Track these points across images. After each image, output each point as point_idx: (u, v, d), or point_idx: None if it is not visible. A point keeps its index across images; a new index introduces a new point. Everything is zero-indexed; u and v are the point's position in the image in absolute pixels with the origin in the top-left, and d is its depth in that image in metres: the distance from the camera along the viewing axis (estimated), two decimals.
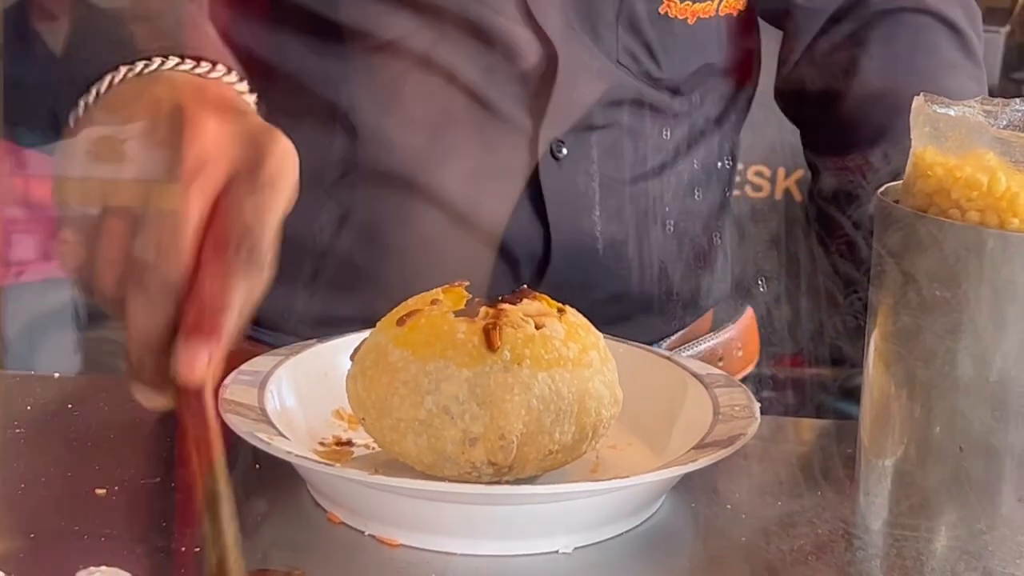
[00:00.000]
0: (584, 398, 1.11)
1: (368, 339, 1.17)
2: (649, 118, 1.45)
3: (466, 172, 1.41)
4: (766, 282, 1.76)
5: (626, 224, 1.46)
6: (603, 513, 1.12)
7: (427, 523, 1.09)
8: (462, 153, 1.42)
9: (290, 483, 1.16)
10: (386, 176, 1.41)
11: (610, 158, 1.45)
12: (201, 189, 0.95)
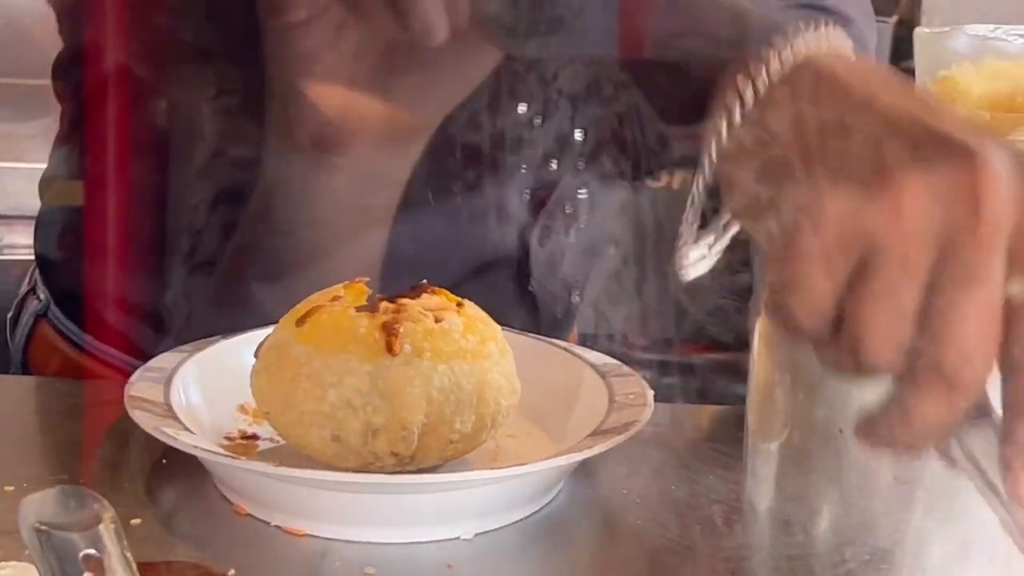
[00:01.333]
0: (483, 389, 1.14)
1: (271, 335, 1.19)
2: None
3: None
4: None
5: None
6: (503, 500, 1.14)
7: (331, 513, 1.12)
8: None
9: (197, 477, 1.18)
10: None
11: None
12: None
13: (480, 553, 1.11)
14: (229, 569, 1.05)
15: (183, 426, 1.16)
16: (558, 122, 1.46)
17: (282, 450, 1.18)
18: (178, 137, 1.44)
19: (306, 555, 1.10)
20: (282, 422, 1.16)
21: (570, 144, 1.43)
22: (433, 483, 1.13)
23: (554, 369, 1.29)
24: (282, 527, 1.13)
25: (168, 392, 1.20)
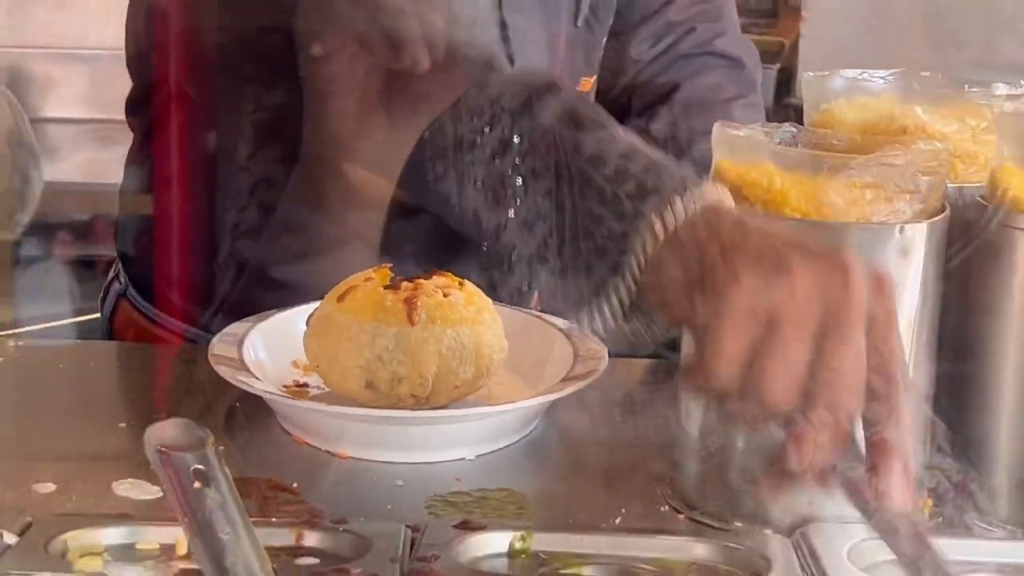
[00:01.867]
0: (480, 347, 1.18)
1: (318, 308, 1.21)
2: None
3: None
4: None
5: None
6: (496, 430, 1.18)
7: (368, 440, 1.15)
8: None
9: (264, 415, 1.21)
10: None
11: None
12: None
13: (479, 469, 1.14)
14: (293, 483, 1.09)
15: (254, 376, 1.19)
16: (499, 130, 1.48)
17: (328, 395, 1.21)
18: (224, 146, 1.45)
19: (350, 472, 1.13)
20: (328, 373, 1.19)
21: (510, 146, 1.45)
22: (443, 417, 1.17)
23: (531, 332, 1.31)
24: (331, 452, 1.16)
25: (241, 351, 1.23)
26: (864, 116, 1.17)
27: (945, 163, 1.02)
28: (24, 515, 0.97)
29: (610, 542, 0.99)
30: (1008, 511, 1.05)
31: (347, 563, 0.93)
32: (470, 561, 0.95)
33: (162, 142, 1.53)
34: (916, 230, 1.00)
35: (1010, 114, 1.05)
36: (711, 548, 0.99)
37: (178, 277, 1.53)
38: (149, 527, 0.97)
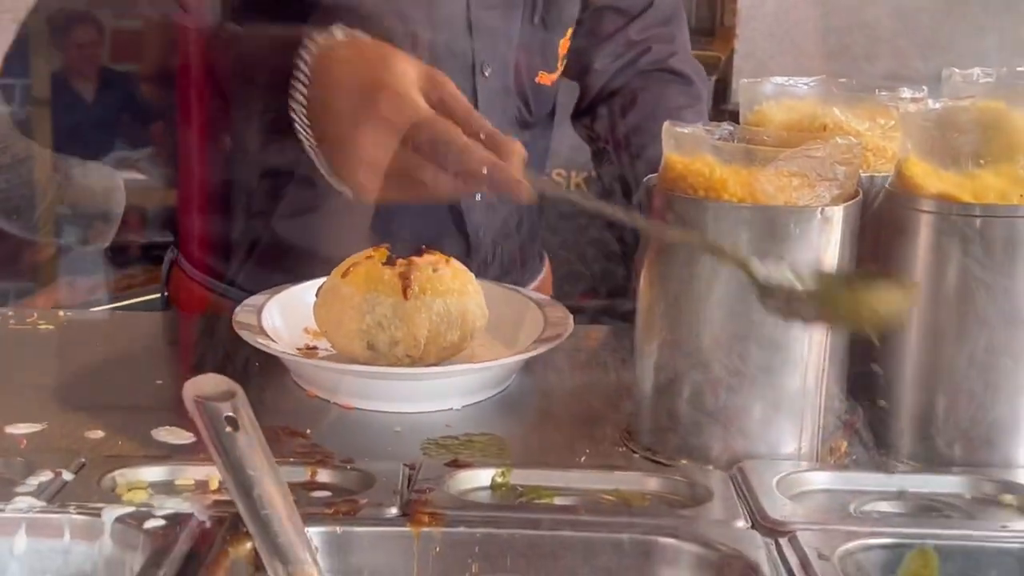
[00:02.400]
0: (464, 314, 1.19)
1: (325, 282, 1.23)
2: (522, 133, 1.47)
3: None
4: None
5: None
6: (479, 384, 1.20)
7: (370, 394, 1.17)
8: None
9: (279, 373, 1.23)
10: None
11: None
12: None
13: (465, 417, 1.16)
14: (306, 429, 1.11)
15: (271, 340, 1.21)
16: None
17: (335, 355, 1.22)
18: (239, 141, 1.45)
19: (354, 420, 1.15)
20: (334, 337, 1.21)
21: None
22: (434, 373, 1.18)
23: (508, 302, 1.32)
24: (337, 403, 1.17)
25: (260, 319, 1.24)
26: (790, 116, 1.19)
27: (859, 155, 1.04)
28: (78, 457, 0.99)
29: (576, 476, 1.01)
30: (910, 449, 1.07)
31: (355, 495, 0.95)
32: (459, 493, 0.97)
33: (187, 137, 1.53)
34: (835, 212, 1.01)
35: (913, 114, 1.06)
36: (662, 481, 1.01)
37: (208, 244, 1.53)
38: (185, 466, 0.99)
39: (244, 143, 1.44)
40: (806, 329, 1.02)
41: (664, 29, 1.58)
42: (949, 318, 1.04)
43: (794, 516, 0.93)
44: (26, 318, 1.38)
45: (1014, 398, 1.03)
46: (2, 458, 0.98)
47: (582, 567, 0.90)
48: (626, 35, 1.57)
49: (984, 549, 0.90)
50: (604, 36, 1.56)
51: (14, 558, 0.87)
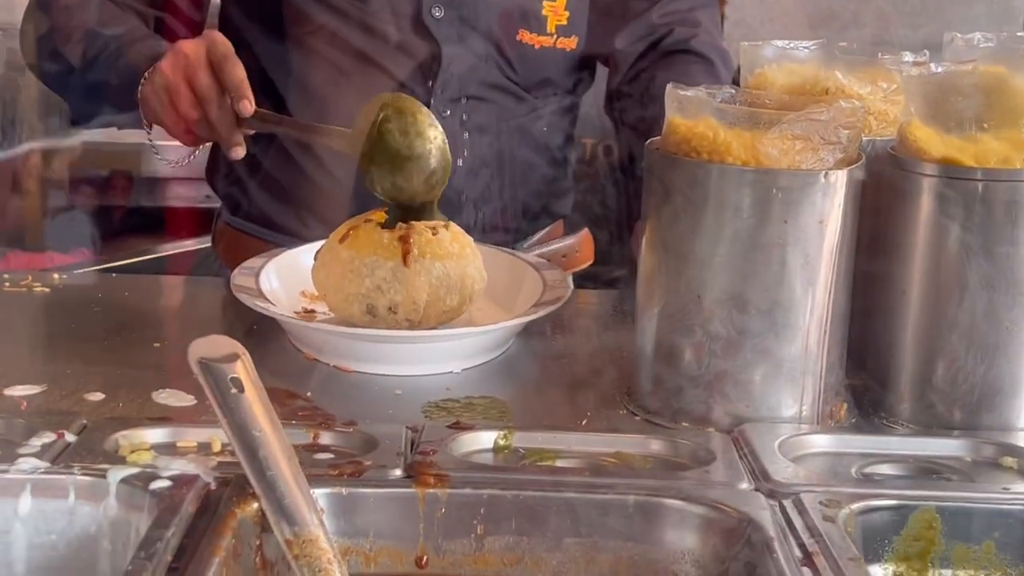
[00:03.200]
0: (463, 278, 1.19)
1: (324, 245, 1.22)
2: (508, 98, 1.49)
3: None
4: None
5: (497, 161, 1.52)
6: (478, 348, 1.20)
7: (369, 357, 1.16)
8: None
9: (278, 336, 1.22)
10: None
11: (481, 119, 1.49)
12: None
13: (465, 380, 1.16)
14: (307, 392, 1.11)
15: (270, 303, 1.20)
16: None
17: (333, 319, 1.22)
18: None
19: (354, 384, 1.15)
20: (333, 301, 1.20)
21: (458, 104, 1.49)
22: (434, 336, 1.18)
23: (506, 266, 1.32)
24: (337, 367, 1.17)
25: (258, 282, 1.24)
26: (791, 79, 1.18)
27: (862, 119, 1.04)
28: (79, 418, 0.98)
29: (578, 439, 1.01)
30: (910, 412, 1.07)
31: (359, 457, 0.95)
32: (462, 455, 0.97)
33: None
34: (838, 176, 1.01)
35: (916, 78, 1.06)
36: (664, 444, 1.01)
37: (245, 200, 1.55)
38: (187, 428, 0.98)
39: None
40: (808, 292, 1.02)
41: (688, 14, 1.57)
42: (950, 282, 1.04)
43: (797, 478, 0.94)
44: (20, 280, 1.37)
45: (1014, 362, 1.04)
46: (3, 420, 0.98)
47: (586, 528, 0.90)
48: (648, 18, 1.56)
49: (986, 511, 0.91)
50: (628, 18, 1.56)
51: (19, 519, 0.86)
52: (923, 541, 0.90)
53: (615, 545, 0.89)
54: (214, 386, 0.84)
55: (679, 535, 0.89)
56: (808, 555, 0.83)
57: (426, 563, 0.90)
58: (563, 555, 0.89)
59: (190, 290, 1.49)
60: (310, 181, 1.48)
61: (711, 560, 0.88)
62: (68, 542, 0.87)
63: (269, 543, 0.85)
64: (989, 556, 0.91)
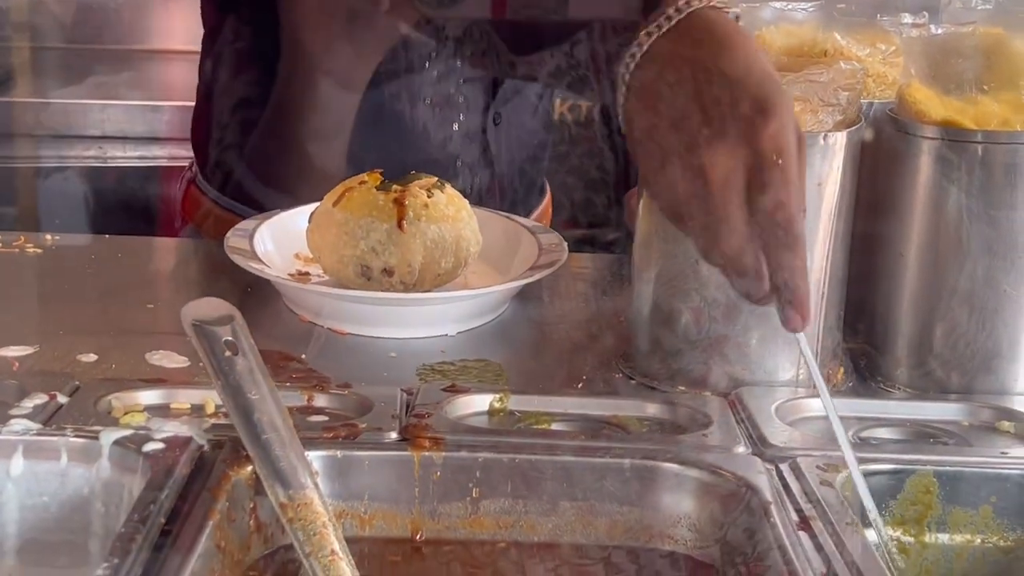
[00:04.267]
0: (459, 240, 1.18)
1: (319, 207, 1.21)
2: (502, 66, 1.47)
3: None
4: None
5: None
6: (473, 311, 1.19)
7: (364, 319, 1.16)
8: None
9: (273, 299, 1.21)
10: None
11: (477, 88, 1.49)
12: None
13: (460, 343, 1.15)
14: (301, 354, 1.10)
15: (265, 264, 1.19)
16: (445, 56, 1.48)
17: (328, 281, 1.21)
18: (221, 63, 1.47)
19: (349, 346, 1.14)
20: (328, 263, 1.19)
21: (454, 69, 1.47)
22: (429, 299, 1.17)
23: (502, 229, 1.31)
24: (332, 329, 1.16)
25: (252, 243, 1.22)
26: (789, 41, 1.17)
27: (861, 81, 1.02)
28: (72, 380, 0.97)
29: (574, 403, 1.00)
30: (907, 377, 1.07)
31: (354, 419, 0.94)
32: (457, 418, 0.96)
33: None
34: (837, 138, 1.00)
35: (915, 39, 1.05)
36: (660, 407, 1.00)
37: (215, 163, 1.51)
38: (181, 390, 0.97)
39: (222, 66, 1.45)
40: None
41: None
42: (948, 245, 1.03)
43: (794, 442, 0.93)
44: (12, 241, 1.35)
45: (1012, 326, 1.03)
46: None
47: (582, 492, 0.89)
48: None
49: (983, 475, 0.90)
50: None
51: (11, 480, 0.85)
52: (920, 505, 0.90)
53: (611, 509, 0.89)
54: (208, 348, 0.83)
55: (675, 499, 0.88)
56: (805, 519, 0.82)
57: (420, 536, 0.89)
58: (559, 518, 0.89)
59: (184, 252, 1.48)
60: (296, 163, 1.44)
61: (709, 525, 0.87)
62: (60, 504, 0.86)
63: (263, 506, 0.84)
64: (986, 520, 0.90)
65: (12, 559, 0.85)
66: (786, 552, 0.78)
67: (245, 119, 1.46)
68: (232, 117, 1.47)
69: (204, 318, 0.83)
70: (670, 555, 0.87)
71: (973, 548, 0.91)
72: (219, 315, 0.84)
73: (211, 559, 0.77)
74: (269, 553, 0.84)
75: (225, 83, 1.49)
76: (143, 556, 0.72)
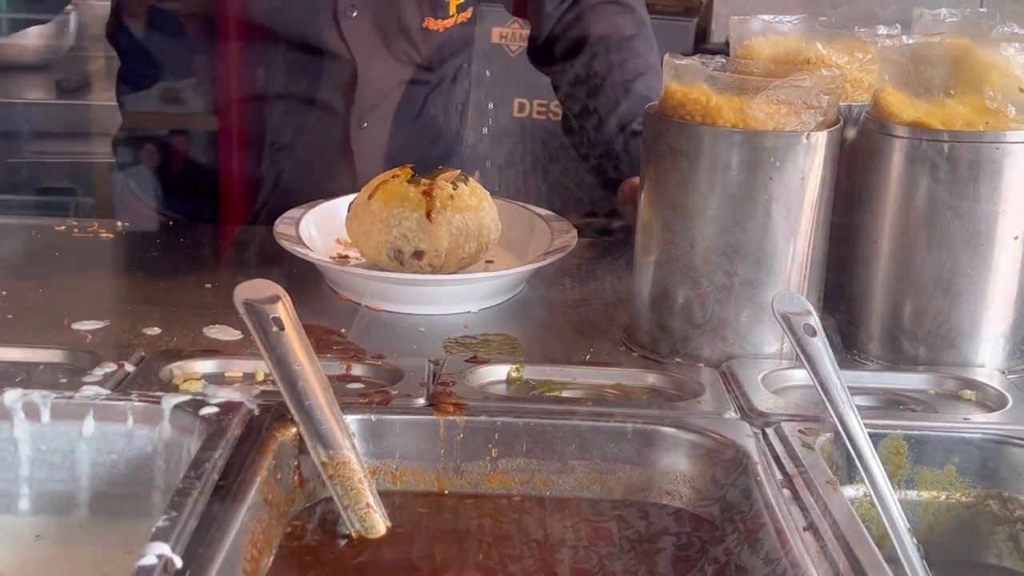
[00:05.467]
0: (480, 228, 1.17)
1: (356, 197, 1.20)
2: (415, 86, 1.45)
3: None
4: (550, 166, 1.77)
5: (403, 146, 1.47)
6: (494, 290, 1.18)
7: (397, 297, 1.14)
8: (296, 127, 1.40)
9: (315, 279, 1.20)
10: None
11: (388, 111, 1.44)
12: None
13: (482, 319, 1.14)
14: (341, 329, 1.08)
15: (309, 249, 1.18)
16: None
17: (365, 264, 1.20)
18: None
19: (383, 322, 1.13)
20: (365, 248, 1.18)
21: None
22: (454, 280, 1.16)
23: (519, 218, 1.30)
24: (368, 306, 1.15)
25: (298, 230, 1.22)
26: (776, 50, 1.15)
27: (840, 86, 1.00)
28: (138, 350, 0.97)
29: (582, 372, 0.99)
30: (879, 350, 1.05)
31: (387, 387, 0.93)
32: (478, 386, 0.95)
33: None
34: (818, 137, 0.99)
35: (889, 48, 1.03)
36: (659, 377, 0.99)
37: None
38: (234, 360, 0.97)
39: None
40: (791, 242, 1.00)
41: None
42: (917, 234, 1.01)
43: (778, 408, 0.92)
44: (88, 227, 1.35)
45: (974, 305, 1.01)
46: (71, 351, 0.96)
47: (589, 452, 0.88)
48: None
49: (949, 439, 0.89)
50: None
51: (83, 439, 0.85)
52: (891, 465, 0.88)
53: (616, 467, 0.87)
54: (257, 325, 0.82)
55: (672, 459, 0.87)
56: (788, 478, 0.81)
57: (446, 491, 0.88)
58: (570, 476, 0.88)
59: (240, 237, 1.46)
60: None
61: (703, 482, 0.86)
62: (127, 461, 0.85)
63: (306, 463, 0.83)
64: (950, 479, 0.89)
65: (84, 510, 0.85)
66: (772, 509, 0.77)
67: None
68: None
69: (254, 298, 0.83)
70: (675, 511, 0.86)
71: (939, 503, 0.89)
72: (267, 295, 0.84)
73: (259, 511, 0.76)
74: (311, 505, 0.84)
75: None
76: (198, 508, 0.71)
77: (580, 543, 0.82)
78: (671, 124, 1.01)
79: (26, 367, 0.93)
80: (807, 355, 0.84)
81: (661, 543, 0.82)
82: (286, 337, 0.82)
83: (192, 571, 0.66)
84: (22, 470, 0.84)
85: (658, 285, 1.05)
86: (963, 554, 0.89)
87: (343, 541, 0.80)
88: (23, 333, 1.03)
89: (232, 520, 0.72)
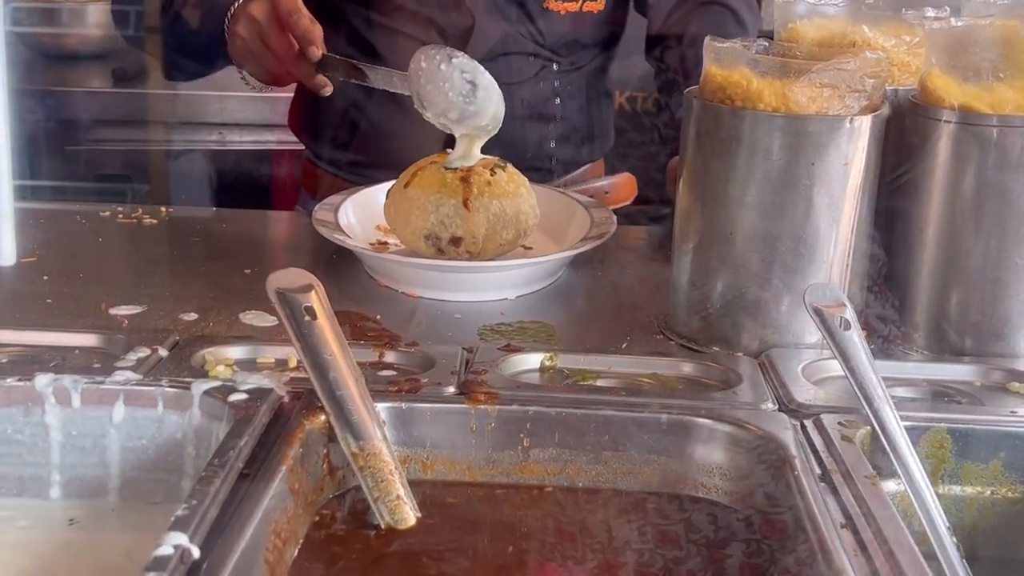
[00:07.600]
0: (518, 214, 1.14)
1: (395, 184, 1.17)
2: (537, 61, 1.43)
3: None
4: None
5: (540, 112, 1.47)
6: (531, 277, 1.14)
7: (434, 284, 1.12)
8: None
9: (354, 265, 1.18)
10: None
11: (512, 77, 1.41)
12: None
13: (518, 306, 1.11)
14: (376, 315, 1.06)
15: (347, 235, 1.16)
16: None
17: (403, 250, 1.17)
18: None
19: (420, 308, 1.10)
20: (403, 234, 1.15)
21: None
22: (492, 267, 1.13)
23: (558, 204, 1.27)
24: (405, 293, 1.12)
25: (337, 216, 1.19)
26: (821, 33, 1.11)
27: (886, 69, 0.96)
28: (173, 335, 0.95)
29: (617, 361, 0.96)
30: (925, 341, 1.00)
31: (418, 375, 0.90)
32: (511, 375, 0.92)
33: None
34: (863, 121, 0.94)
35: (937, 31, 0.98)
36: (695, 367, 0.95)
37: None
38: (267, 346, 0.94)
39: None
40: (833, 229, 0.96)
41: None
42: (965, 220, 0.96)
43: (818, 400, 0.87)
44: (132, 213, 1.33)
45: (1023, 295, 0.96)
46: (106, 335, 0.94)
47: (623, 443, 0.84)
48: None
49: (994, 432, 0.84)
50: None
51: (113, 425, 0.83)
52: (934, 459, 0.84)
53: (649, 458, 0.84)
54: (289, 314, 0.79)
55: (707, 451, 0.83)
56: (826, 472, 0.77)
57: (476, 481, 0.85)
58: (602, 466, 0.84)
59: (279, 223, 1.45)
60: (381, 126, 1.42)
61: (739, 475, 0.82)
62: (157, 447, 0.83)
63: (335, 452, 0.80)
64: (996, 474, 0.84)
65: (115, 496, 0.83)
66: (808, 503, 0.73)
67: (347, 105, 1.42)
68: (332, 105, 1.42)
69: (287, 287, 0.80)
70: (706, 502, 0.82)
71: (983, 499, 0.84)
72: (300, 284, 0.81)
73: (284, 500, 0.73)
74: (340, 494, 0.81)
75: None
76: (220, 497, 0.69)
77: (614, 535, 0.78)
78: (710, 108, 0.97)
79: (61, 351, 0.91)
80: (840, 350, 0.80)
81: (694, 535, 0.78)
82: (318, 326, 0.79)
83: (210, 561, 0.63)
84: (53, 456, 0.82)
85: (696, 272, 1.01)
86: (1008, 551, 0.84)
87: (372, 532, 0.77)
88: (61, 317, 1.02)
89: (254, 509, 0.69)
